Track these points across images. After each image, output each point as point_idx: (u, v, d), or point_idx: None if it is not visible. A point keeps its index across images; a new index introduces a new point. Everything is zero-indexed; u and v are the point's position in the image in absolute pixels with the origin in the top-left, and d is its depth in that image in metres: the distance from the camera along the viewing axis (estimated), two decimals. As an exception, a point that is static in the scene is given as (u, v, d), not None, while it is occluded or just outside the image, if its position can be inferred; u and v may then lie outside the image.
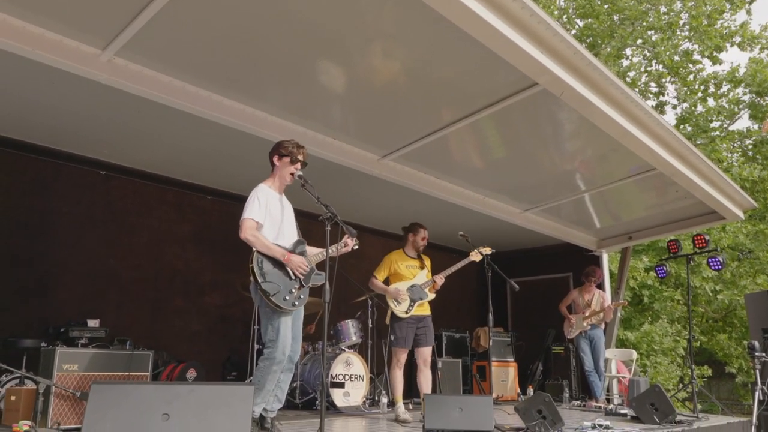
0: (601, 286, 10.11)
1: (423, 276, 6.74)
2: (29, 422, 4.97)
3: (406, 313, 6.55)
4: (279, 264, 4.67)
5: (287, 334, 4.64)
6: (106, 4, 4.15)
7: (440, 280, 6.66)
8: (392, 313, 6.58)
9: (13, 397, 5.29)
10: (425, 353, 6.62)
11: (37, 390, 5.10)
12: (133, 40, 4.49)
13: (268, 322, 4.61)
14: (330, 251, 4.59)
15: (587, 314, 9.21)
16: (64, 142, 6.85)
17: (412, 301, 6.58)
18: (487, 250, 6.72)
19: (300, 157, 4.91)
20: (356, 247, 5.14)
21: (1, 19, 4.18)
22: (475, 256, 6.69)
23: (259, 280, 4.52)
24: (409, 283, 6.66)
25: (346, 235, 4.99)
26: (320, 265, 4.91)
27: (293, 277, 4.70)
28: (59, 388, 5.16)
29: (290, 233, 4.89)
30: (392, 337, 6.54)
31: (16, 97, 5.73)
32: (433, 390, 8.80)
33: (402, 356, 6.60)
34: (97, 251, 7.29)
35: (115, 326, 6.50)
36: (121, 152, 7.19)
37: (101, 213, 7.44)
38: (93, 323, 5.84)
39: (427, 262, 6.95)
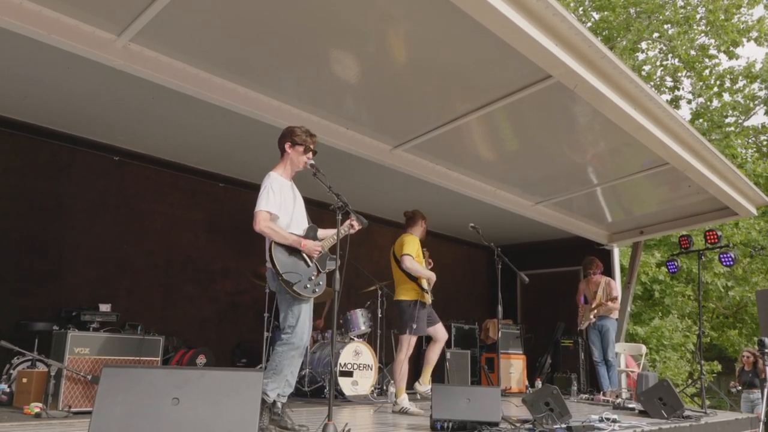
0: (607, 274, 10.04)
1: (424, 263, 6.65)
2: (40, 404, 5.03)
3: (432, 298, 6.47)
4: (296, 252, 4.66)
5: (306, 321, 4.65)
6: (122, -10, 4.18)
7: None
8: (417, 301, 6.30)
9: (24, 380, 5.36)
10: (441, 328, 6.53)
11: (48, 373, 5.15)
12: (148, 27, 4.51)
13: (287, 309, 4.61)
14: (340, 233, 4.61)
15: (593, 306, 9.18)
16: (78, 127, 6.88)
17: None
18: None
19: (312, 146, 4.92)
20: (360, 226, 5.01)
21: (17, 3, 4.20)
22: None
23: (281, 272, 4.51)
24: None
25: (351, 218, 4.94)
26: (332, 251, 4.91)
27: (310, 264, 4.71)
28: (70, 371, 5.20)
29: (302, 220, 4.89)
30: (414, 326, 6.19)
31: (32, 81, 5.76)
32: (441, 379, 8.85)
33: (414, 345, 6.36)
34: (109, 236, 7.33)
35: (127, 311, 6.56)
36: (135, 138, 7.22)
37: (114, 198, 7.47)
38: (105, 308, 5.89)
39: None
